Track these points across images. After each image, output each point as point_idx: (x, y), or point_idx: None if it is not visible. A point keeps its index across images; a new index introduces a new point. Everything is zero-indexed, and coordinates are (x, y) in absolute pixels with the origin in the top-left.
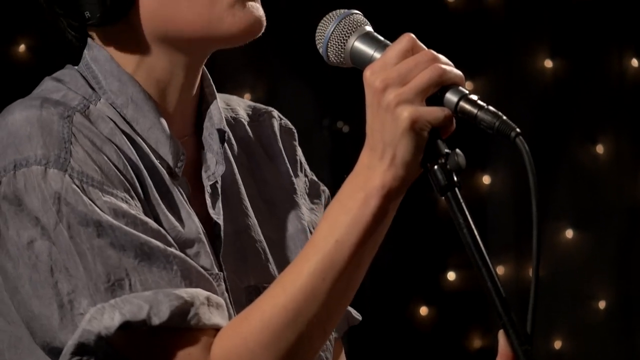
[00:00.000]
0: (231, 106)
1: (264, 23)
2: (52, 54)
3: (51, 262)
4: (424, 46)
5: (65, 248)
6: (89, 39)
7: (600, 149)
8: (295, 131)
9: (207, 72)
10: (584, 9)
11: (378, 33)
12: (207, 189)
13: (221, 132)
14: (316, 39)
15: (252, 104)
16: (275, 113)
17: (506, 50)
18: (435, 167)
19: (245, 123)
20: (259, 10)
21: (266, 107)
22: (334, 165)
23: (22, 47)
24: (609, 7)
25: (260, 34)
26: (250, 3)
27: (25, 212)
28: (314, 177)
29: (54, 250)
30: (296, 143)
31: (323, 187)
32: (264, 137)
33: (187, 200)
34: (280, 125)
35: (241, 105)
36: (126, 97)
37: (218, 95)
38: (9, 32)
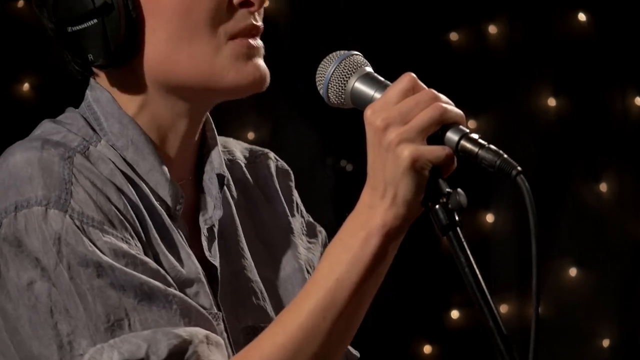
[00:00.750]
0: (228, 148)
1: (268, 78)
2: (55, 93)
3: (51, 303)
4: (424, 85)
5: (66, 289)
6: (92, 79)
7: (603, 187)
8: (291, 172)
9: (209, 116)
10: (586, 47)
11: (380, 72)
12: (204, 232)
13: (221, 177)
14: (316, 80)
15: (249, 146)
16: (272, 155)
17: (509, 89)
18: (437, 206)
19: (243, 165)
20: (262, 63)
21: (262, 149)
22: (337, 203)
23: (26, 86)
24: (612, 46)
25: (263, 89)
26: (256, 51)
27: (25, 253)
28: (310, 219)
29: (54, 291)
30: (292, 184)
31: (320, 228)
32: (261, 179)
33: (186, 241)
34: (277, 166)
35: (238, 147)
36: (127, 139)
37: (217, 137)
38: (13, 71)
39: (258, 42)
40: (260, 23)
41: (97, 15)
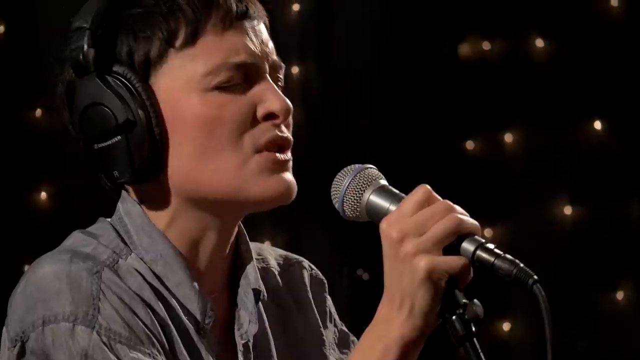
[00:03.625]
0: (262, 255)
1: (293, 191)
2: (72, 202)
3: None
4: (439, 197)
5: None
6: (124, 192)
7: (620, 295)
8: (325, 282)
9: (243, 228)
10: (602, 156)
11: (395, 182)
12: (240, 347)
13: (257, 292)
14: (331, 194)
15: (284, 253)
16: (306, 263)
17: (525, 197)
18: (453, 317)
19: (276, 273)
20: (288, 177)
21: (297, 257)
22: (354, 313)
23: (43, 195)
24: (628, 154)
25: (289, 202)
26: (282, 166)
27: None
28: (344, 328)
29: None
30: (326, 294)
31: (352, 338)
32: (294, 287)
33: (214, 357)
34: (311, 275)
35: (272, 254)
36: (156, 253)
37: (250, 244)
38: (30, 179)
39: (286, 156)
40: (287, 134)
41: (121, 132)
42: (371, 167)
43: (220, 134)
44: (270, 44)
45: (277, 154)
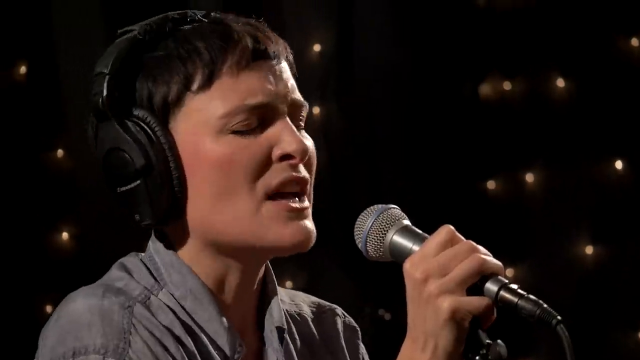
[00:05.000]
0: (296, 302)
1: (311, 238)
2: (94, 243)
3: None
4: (462, 237)
5: None
6: (154, 231)
7: None
8: (358, 329)
9: (269, 266)
10: (623, 195)
11: (417, 223)
12: None
13: (280, 330)
14: (355, 234)
15: (317, 300)
16: (339, 310)
17: (547, 237)
18: (477, 357)
19: (309, 319)
20: (305, 224)
21: (330, 304)
22: (376, 353)
23: (65, 235)
24: None
25: (310, 246)
26: (297, 214)
27: None
28: None
29: None
30: (359, 341)
31: None
32: (327, 334)
33: None
34: (344, 322)
35: (306, 301)
36: (185, 289)
37: (284, 290)
38: (52, 220)
39: (302, 204)
40: (303, 174)
41: (140, 176)
42: (394, 208)
43: (235, 177)
44: (291, 82)
45: (291, 203)
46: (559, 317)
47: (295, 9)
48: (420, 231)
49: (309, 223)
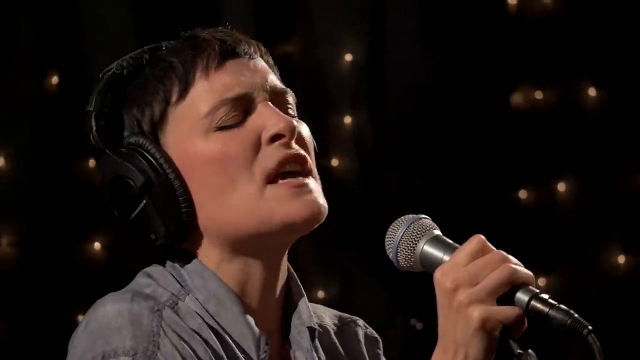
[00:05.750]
0: (317, 314)
1: (321, 211)
2: (126, 253)
3: None
4: (493, 247)
5: None
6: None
7: None
8: (380, 340)
9: (293, 272)
10: None
11: (449, 233)
12: None
13: (312, 330)
14: (386, 244)
15: (338, 313)
16: (361, 322)
17: (579, 246)
18: None
19: (332, 331)
20: (311, 197)
21: (351, 316)
22: None
23: (97, 245)
24: None
25: (321, 219)
26: (300, 189)
27: None
28: None
29: None
30: (381, 352)
31: None
32: (349, 345)
33: None
34: (366, 334)
35: (327, 313)
36: (208, 292)
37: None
38: (84, 230)
39: (304, 180)
40: (297, 150)
41: (144, 194)
42: (425, 218)
43: (231, 169)
44: (271, 76)
45: (293, 180)
46: (590, 327)
47: (327, 18)
48: (451, 241)
49: (316, 196)
